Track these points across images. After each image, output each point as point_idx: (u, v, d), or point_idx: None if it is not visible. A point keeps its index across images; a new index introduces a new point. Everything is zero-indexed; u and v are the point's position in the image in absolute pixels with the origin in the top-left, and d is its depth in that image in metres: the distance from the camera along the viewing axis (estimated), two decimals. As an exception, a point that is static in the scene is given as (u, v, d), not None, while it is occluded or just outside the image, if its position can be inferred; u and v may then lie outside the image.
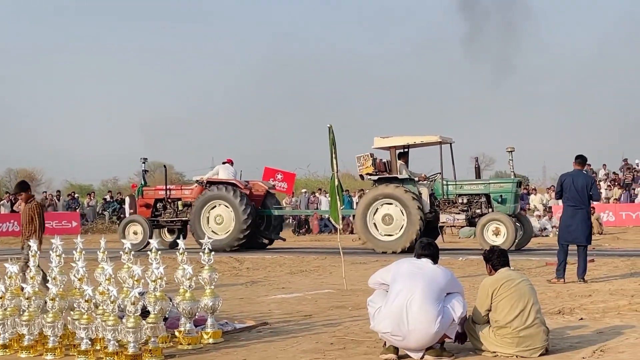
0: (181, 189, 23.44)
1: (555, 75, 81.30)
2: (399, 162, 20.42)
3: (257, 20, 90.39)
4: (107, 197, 41.06)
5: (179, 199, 22.97)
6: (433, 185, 20.61)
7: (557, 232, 18.22)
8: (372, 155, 20.55)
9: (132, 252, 9.02)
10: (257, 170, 23.37)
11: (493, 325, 7.27)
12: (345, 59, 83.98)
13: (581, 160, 13.60)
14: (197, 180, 22.91)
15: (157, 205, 23.18)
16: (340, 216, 13.77)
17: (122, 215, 37.32)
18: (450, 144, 20.65)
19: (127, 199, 27.94)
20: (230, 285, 13.64)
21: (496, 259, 7.64)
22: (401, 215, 19.87)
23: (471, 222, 20.14)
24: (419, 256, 7.44)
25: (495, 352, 7.20)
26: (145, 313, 7.64)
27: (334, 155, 13.49)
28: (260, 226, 22.66)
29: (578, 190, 13.02)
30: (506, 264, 7.63)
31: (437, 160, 20.33)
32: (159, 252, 8.41)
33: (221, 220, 21.71)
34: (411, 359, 7.15)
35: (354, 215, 34.98)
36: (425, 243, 7.58)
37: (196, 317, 8.19)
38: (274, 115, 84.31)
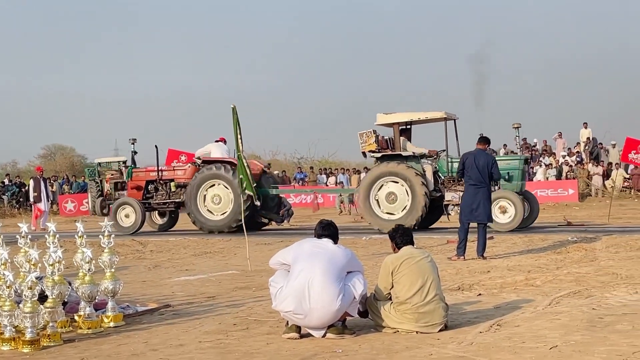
0: (174, 170, 22.46)
1: (458, 56, 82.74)
2: (402, 138, 19.79)
3: None
4: (6, 181, 39.94)
5: (172, 180, 22.03)
6: (437, 163, 20.00)
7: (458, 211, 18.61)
8: (374, 132, 19.88)
9: (30, 237, 8.74)
10: (160, 151, 22.76)
11: (394, 301, 7.39)
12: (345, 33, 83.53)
13: (484, 140, 13.90)
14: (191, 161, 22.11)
15: (149, 187, 22.26)
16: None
17: (21, 199, 36.40)
18: (455, 120, 20.04)
19: (31, 182, 27.01)
20: (133, 268, 13.49)
21: (399, 237, 7.79)
22: (405, 193, 19.24)
23: None
24: (319, 236, 7.52)
25: (395, 329, 7.32)
26: (43, 298, 7.49)
27: (239, 136, 13.47)
28: (257, 206, 21.76)
29: (480, 169, 13.27)
30: (409, 242, 7.76)
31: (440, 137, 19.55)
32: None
33: (219, 200, 20.91)
34: (313, 337, 7.21)
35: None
36: (326, 223, 7.67)
37: (96, 300, 8.06)
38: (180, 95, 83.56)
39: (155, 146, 22.32)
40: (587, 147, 36.39)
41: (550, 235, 16.73)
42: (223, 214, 20.92)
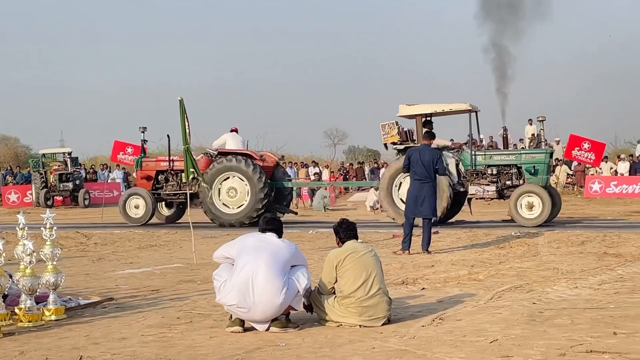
0: None
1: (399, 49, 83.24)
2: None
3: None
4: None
5: (183, 171, 20.54)
6: (461, 156, 19.52)
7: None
8: (397, 123, 19.45)
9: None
10: (107, 143, 22.44)
11: (338, 295, 7.43)
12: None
13: (429, 135, 13.99)
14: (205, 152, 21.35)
15: (159, 177, 21.40)
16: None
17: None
18: (477, 112, 19.57)
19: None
20: (76, 261, 13.33)
21: (343, 231, 7.83)
22: None
23: (501, 193, 19.09)
24: (263, 231, 7.53)
25: (339, 322, 7.36)
26: (-18, 290, 7.38)
27: (186, 129, 13.42)
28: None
29: (425, 164, 13.35)
30: (353, 236, 7.81)
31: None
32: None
33: (234, 193, 20.07)
34: (257, 331, 7.21)
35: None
36: (269, 218, 7.69)
37: (38, 293, 7.96)
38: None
39: (167, 135, 21.52)
40: (532, 144, 36.84)
41: (494, 230, 16.94)
42: (238, 207, 20.12)
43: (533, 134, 37.14)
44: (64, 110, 79.65)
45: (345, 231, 7.80)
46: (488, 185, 19.06)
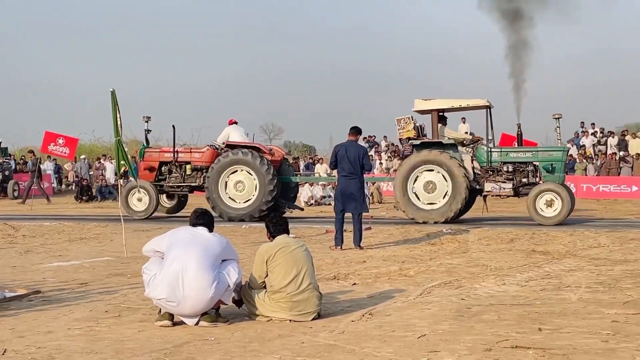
0: (190, 152, 20.87)
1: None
2: (439, 125, 19.01)
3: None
4: None
5: (188, 163, 20.35)
6: (476, 152, 19.24)
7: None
8: (412, 118, 19.10)
9: None
10: (38, 134, 22.06)
11: (268, 289, 7.43)
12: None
13: (355, 131, 13.99)
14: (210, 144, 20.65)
15: (162, 168, 20.55)
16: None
17: None
18: (491, 108, 19.19)
19: None
20: (3, 253, 13.09)
21: (273, 226, 7.86)
22: (444, 182, 18.43)
23: (517, 191, 18.77)
24: (194, 225, 7.50)
25: (269, 317, 7.36)
26: None
27: (118, 121, 13.29)
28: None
29: (351, 160, 13.41)
30: (284, 231, 7.83)
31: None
32: None
33: (242, 187, 19.46)
34: (186, 325, 7.17)
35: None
36: (200, 212, 7.65)
37: (-39, 286, 7.80)
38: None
39: (173, 126, 20.71)
40: (465, 142, 37.25)
41: (425, 227, 17.11)
42: (246, 201, 19.52)
43: (466, 132, 37.62)
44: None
45: (276, 225, 7.82)
46: (504, 182, 18.80)
